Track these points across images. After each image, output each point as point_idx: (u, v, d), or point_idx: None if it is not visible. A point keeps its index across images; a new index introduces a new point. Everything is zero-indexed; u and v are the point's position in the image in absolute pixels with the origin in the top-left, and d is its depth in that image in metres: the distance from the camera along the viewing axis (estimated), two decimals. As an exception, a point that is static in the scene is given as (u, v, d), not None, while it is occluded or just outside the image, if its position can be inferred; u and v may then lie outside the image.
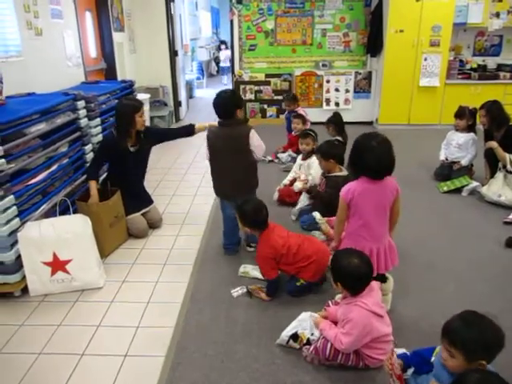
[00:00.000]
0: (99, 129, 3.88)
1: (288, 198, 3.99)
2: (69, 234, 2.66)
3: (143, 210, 3.57)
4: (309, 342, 2.16)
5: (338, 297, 2.36)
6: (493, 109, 4.19)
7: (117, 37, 6.03)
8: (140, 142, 3.47)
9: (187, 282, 2.84)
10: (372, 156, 2.16)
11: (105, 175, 3.63)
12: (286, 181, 4.16)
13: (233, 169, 3.11)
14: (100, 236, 2.98)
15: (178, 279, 2.88)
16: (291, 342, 2.20)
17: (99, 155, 3.40)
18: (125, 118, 3.32)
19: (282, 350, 2.21)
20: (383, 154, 2.17)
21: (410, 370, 1.82)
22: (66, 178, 3.38)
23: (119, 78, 5.88)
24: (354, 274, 1.98)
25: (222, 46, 13.28)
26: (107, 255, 3.18)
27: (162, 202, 4.08)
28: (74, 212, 3.09)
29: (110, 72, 5.91)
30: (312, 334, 2.19)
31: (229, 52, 12.04)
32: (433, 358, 1.69)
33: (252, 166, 3.20)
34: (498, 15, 6.84)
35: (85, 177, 3.48)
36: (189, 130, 3.78)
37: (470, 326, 1.50)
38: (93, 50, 5.59)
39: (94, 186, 3.28)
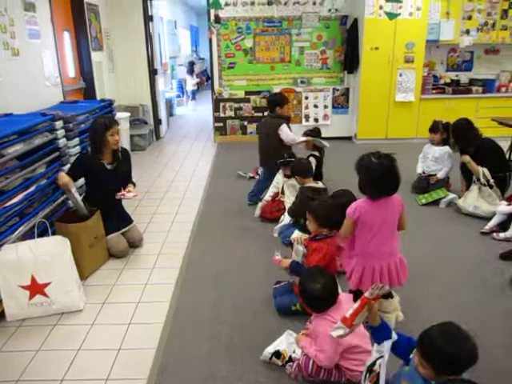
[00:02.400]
0: (78, 149, 3.86)
1: (269, 215, 4.00)
2: (47, 256, 2.62)
3: (123, 230, 3.54)
4: (291, 360, 2.16)
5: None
6: (456, 134, 4.30)
7: (95, 56, 6.03)
8: (117, 160, 3.45)
9: (169, 302, 2.81)
10: (378, 178, 2.21)
11: (83, 195, 3.60)
12: (268, 197, 4.17)
13: (262, 147, 4.49)
14: (79, 257, 2.94)
15: (160, 299, 2.85)
16: (274, 358, 2.21)
17: (71, 167, 3.41)
18: (96, 135, 3.34)
19: (266, 367, 2.20)
20: (389, 175, 2.20)
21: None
22: (44, 199, 3.33)
23: (98, 97, 5.87)
24: (316, 296, 2.04)
25: (193, 76, 12.17)
26: (87, 277, 3.13)
27: (142, 220, 4.05)
28: (53, 233, 3.04)
29: (88, 91, 5.89)
30: (294, 352, 2.20)
31: (194, 81, 12.03)
32: (411, 356, 1.69)
33: (276, 148, 4.26)
34: (468, 32, 7.07)
35: (64, 197, 3.44)
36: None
37: (443, 343, 1.48)
38: (71, 70, 5.58)
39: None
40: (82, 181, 3.78)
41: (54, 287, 2.64)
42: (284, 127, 4.24)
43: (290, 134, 4.29)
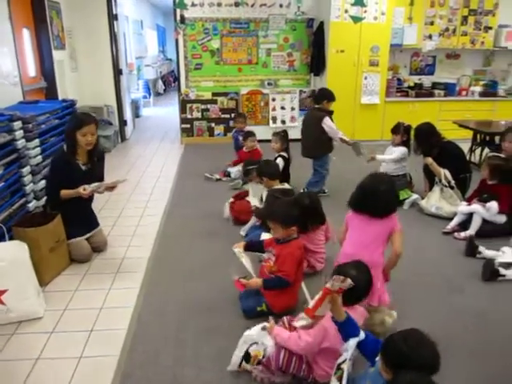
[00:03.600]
0: (38, 150, 3.72)
1: (243, 216, 3.91)
2: (4, 262, 2.50)
3: (88, 234, 3.42)
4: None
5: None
6: (418, 138, 4.39)
7: (57, 55, 5.86)
8: (92, 162, 3.33)
9: (133, 307, 2.75)
10: (375, 199, 2.41)
11: (45, 198, 3.48)
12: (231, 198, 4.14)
13: (305, 138, 4.73)
14: (39, 263, 2.83)
15: (124, 304, 2.77)
16: (244, 364, 2.13)
17: (57, 173, 3.20)
18: (68, 134, 3.20)
19: (232, 373, 2.17)
20: (385, 197, 2.42)
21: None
22: (1, 203, 3.20)
23: (60, 97, 5.70)
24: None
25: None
26: (48, 282, 3.02)
27: (107, 223, 3.94)
28: (11, 239, 2.93)
29: (50, 91, 5.70)
30: (265, 350, 2.12)
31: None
32: (377, 358, 1.69)
33: (317, 140, 4.53)
34: (430, 37, 7.27)
35: (23, 200, 3.32)
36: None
37: (405, 349, 1.48)
38: (32, 69, 5.39)
39: (67, 191, 3.14)
40: (42, 183, 3.67)
41: (11, 294, 2.52)
42: (327, 120, 4.43)
43: (334, 127, 4.48)
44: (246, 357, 2.13)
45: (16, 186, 3.43)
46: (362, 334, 1.78)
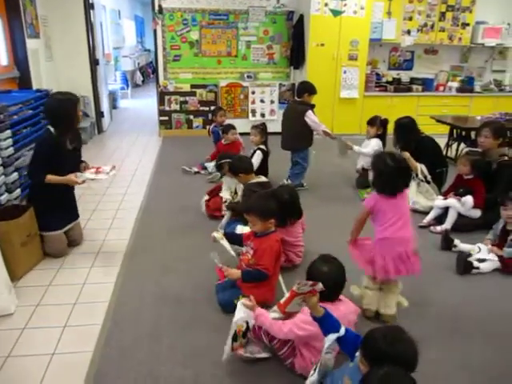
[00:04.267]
0: (10, 141, 3.60)
1: (218, 212, 3.91)
2: (-28, 256, 2.43)
3: (67, 227, 3.32)
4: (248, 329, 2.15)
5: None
6: (399, 132, 4.39)
7: (31, 43, 5.69)
8: (77, 137, 3.25)
9: (108, 302, 2.70)
10: (389, 179, 2.41)
11: (18, 190, 3.38)
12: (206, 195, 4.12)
13: (285, 130, 4.74)
14: (10, 257, 2.76)
15: (99, 299, 2.72)
16: (234, 344, 2.12)
17: (43, 156, 3.04)
18: (67, 114, 3.06)
19: (208, 368, 2.15)
20: (398, 177, 2.42)
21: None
22: (-29, 196, 3.11)
23: (34, 87, 5.55)
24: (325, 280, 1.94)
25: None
26: (20, 277, 2.94)
27: (83, 216, 3.81)
28: (-20, 232, 2.84)
29: (23, 81, 5.54)
30: (247, 323, 2.14)
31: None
32: (357, 353, 1.70)
33: (299, 133, 4.56)
34: (409, 32, 7.33)
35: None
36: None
37: (384, 344, 1.49)
38: (4, 58, 5.22)
39: (54, 177, 3.02)
40: (14, 176, 3.57)
41: (-20, 290, 2.46)
42: (310, 114, 4.46)
43: (317, 120, 4.51)
44: (234, 336, 2.13)
45: (-14, 178, 3.33)
46: (342, 330, 1.78)
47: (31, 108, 4.28)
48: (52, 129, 3.09)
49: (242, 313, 2.15)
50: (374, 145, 4.58)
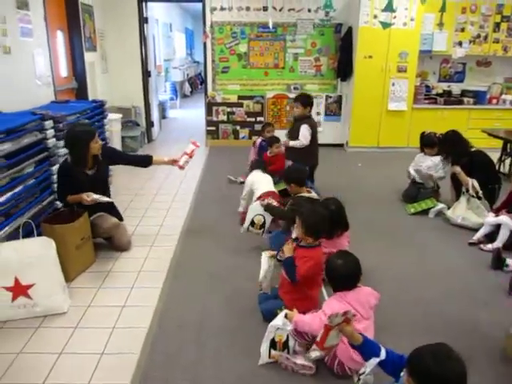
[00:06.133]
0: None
1: None
2: (32, 257, 2.58)
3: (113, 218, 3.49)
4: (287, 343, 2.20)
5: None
6: (445, 146, 4.34)
7: (89, 56, 6.00)
8: (98, 163, 3.41)
9: (155, 306, 2.78)
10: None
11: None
12: (241, 208, 4.18)
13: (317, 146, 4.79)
14: (65, 259, 2.89)
15: (146, 303, 2.82)
16: (272, 352, 2.20)
17: (62, 181, 3.31)
18: (80, 146, 3.24)
19: (252, 373, 2.18)
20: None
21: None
22: (31, 200, 3.30)
23: (90, 98, 5.83)
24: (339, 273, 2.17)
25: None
26: (73, 279, 3.08)
27: (131, 223, 4.01)
28: (39, 235, 2.99)
29: (80, 91, 5.85)
30: (287, 333, 2.20)
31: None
32: (402, 374, 1.67)
33: (301, 148, 4.56)
34: (460, 44, 7.14)
35: (51, 198, 3.40)
36: (146, 160, 3.80)
37: (431, 363, 1.44)
38: (64, 69, 5.54)
39: (73, 196, 3.22)
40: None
41: (37, 289, 2.60)
42: (305, 129, 4.56)
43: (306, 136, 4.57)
44: (273, 344, 2.20)
45: (45, 184, 3.53)
46: (383, 353, 1.76)
47: (87, 118, 4.51)
48: (69, 157, 3.30)
49: (280, 321, 2.20)
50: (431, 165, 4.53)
